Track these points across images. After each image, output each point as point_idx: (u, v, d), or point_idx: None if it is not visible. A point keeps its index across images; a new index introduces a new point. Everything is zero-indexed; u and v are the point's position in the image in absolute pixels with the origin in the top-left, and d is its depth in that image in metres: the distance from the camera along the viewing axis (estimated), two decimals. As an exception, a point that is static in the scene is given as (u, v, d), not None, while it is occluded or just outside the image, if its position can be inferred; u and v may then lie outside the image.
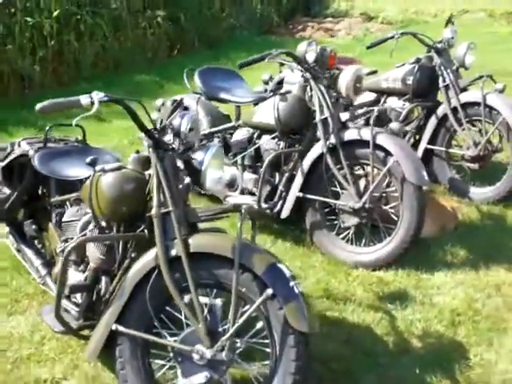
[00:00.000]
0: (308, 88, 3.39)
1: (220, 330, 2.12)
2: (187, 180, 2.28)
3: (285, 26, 11.94)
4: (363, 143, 3.18)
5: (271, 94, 3.53)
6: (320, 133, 3.29)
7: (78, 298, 2.57)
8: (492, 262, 3.28)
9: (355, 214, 3.23)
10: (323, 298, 3.00)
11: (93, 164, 2.39)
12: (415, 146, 4.20)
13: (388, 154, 3.14)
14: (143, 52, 8.96)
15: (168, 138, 2.29)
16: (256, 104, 3.75)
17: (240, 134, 3.79)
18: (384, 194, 3.29)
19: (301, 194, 3.36)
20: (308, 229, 3.45)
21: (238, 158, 3.72)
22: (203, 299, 2.14)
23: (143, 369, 2.21)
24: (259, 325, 2.14)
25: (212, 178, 2.28)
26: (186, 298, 2.12)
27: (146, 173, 2.33)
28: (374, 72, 4.51)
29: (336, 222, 3.37)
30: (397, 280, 3.14)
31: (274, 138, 3.55)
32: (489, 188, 4.01)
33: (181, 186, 2.25)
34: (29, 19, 7.41)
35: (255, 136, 3.68)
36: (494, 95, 3.88)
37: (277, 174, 3.57)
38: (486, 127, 3.91)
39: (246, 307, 2.12)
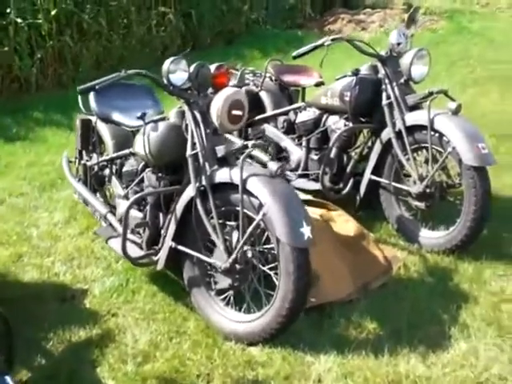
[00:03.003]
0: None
1: None
2: None
3: (320, 18, 11.14)
4: (236, 187, 2.51)
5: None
6: (190, 172, 2.65)
7: None
8: (405, 344, 2.52)
9: (226, 274, 2.58)
10: (165, 381, 2.39)
11: None
12: (362, 175, 3.47)
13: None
14: (152, 50, 8.52)
15: None
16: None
17: (129, 164, 3.21)
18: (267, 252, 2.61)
19: (173, 245, 2.75)
20: (186, 285, 2.84)
21: (128, 190, 3.16)
22: None
23: None
24: None
25: None
26: None
27: None
28: (321, 84, 3.78)
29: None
30: (269, 363, 2.45)
31: (154, 173, 2.94)
32: (442, 232, 3.20)
33: None
34: (19, 20, 7.10)
35: (139, 168, 3.08)
36: (444, 117, 3.06)
37: (161, 216, 2.97)
38: (434, 157, 3.11)
39: None
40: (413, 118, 3.17)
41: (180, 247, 2.73)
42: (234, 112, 2.60)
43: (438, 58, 7.64)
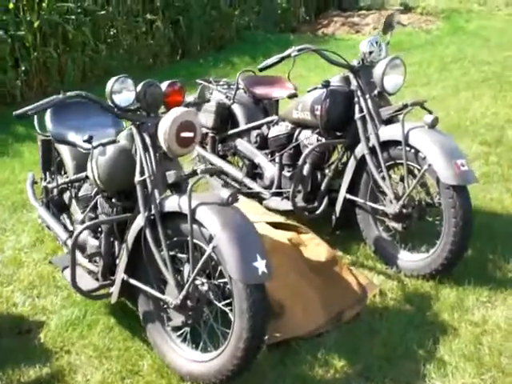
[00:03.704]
0: (138, 136, 2.54)
1: None
2: None
3: (314, 21, 10.93)
4: (186, 216, 2.30)
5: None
6: (139, 200, 2.45)
7: None
8: (375, 384, 2.31)
9: (178, 310, 2.37)
10: None
11: None
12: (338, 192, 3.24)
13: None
14: (141, 59, 8.34)
15: None
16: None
17: (85, 188, 3.00)
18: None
19: (125, 277, 2.54)
20: (141, 320, 2.63)
21: (84, 216, 2.95)
22: None
23: None
24: None
25: None
26: None
27: None
28: (294, 96, 3.56)
29: (172, 315, 2.52)
30: (223, 411, 2.25)
31: (106, 199, 2.73)
32: (422, 255, 2.96)
33: None
34: (0, 32, 6.93)
35: (93, 193, 2.88)
36: (419, 132, 2.83)
37: (116, 244, 2.76)
38: (412, 175, 2.88)
39: None
40: (387, 132, 2.95)
41: (132, 281, 2.52)
42: (184, 134, 2.38)
43: (432, 60, 7.43)
